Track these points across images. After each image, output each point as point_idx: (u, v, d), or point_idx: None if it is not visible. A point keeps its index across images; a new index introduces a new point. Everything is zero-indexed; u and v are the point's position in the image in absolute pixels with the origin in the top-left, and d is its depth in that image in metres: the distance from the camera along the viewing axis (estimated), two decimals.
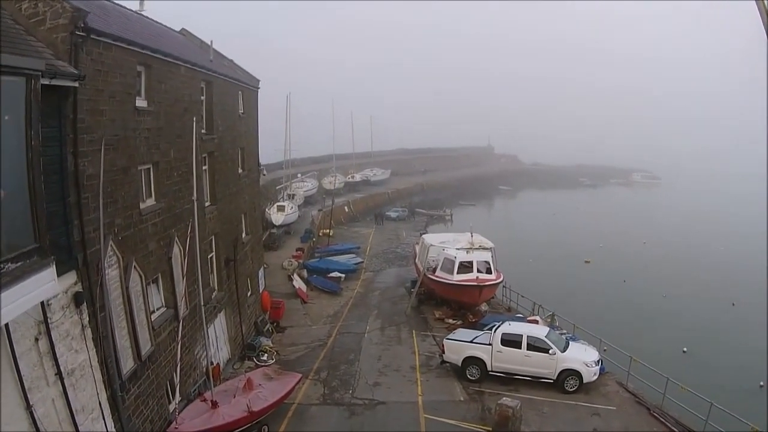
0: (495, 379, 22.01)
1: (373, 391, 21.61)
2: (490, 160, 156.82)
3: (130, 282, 13.92)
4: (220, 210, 21.22)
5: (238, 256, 23.50)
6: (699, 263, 53.55)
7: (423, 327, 30.15)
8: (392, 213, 73.92)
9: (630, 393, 20.98)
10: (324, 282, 38.84)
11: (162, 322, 16.04)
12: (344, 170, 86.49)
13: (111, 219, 13.09)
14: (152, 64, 15.49)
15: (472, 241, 31.69)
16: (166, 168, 16.24)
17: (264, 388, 18.30)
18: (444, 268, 30.99)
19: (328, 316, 32.85)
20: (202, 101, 19.94)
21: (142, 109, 14.90)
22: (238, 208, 24.47)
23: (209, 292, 19.89)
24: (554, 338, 22.14)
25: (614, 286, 45.49)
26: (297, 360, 25.32)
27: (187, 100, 17.98)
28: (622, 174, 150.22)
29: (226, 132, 22.30)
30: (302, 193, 66.35)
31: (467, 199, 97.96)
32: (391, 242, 58.15)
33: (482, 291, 29.23)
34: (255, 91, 28.03)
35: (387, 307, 34.75)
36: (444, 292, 31.49)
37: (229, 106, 22.91)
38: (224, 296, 21.87)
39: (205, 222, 19.42)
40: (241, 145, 25.06)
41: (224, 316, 22.41)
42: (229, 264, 22.08)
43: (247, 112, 26.23)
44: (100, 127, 12.64)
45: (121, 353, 13.65)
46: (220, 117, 21.52)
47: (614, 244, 61.69)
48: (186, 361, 17.92)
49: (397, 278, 42.58)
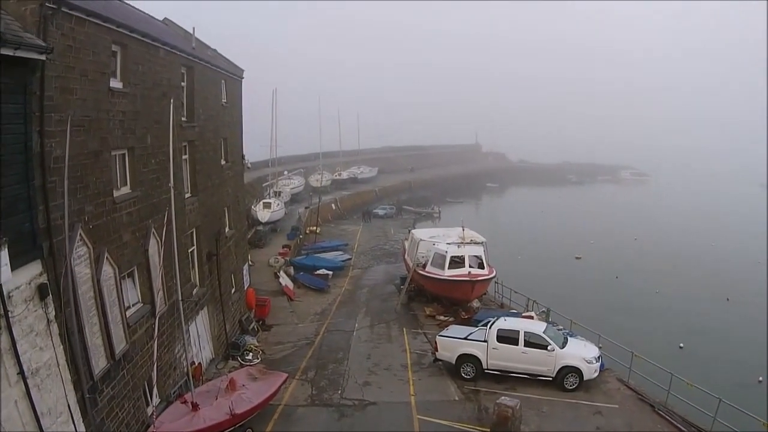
0: (490, 378, 21.21)
1: (363, 391, 20.67)
2: (477, 158, 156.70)
3: (102, 274, 12.88)
4: (201, 202, 20.15)
5: (221, 251, 22.44)
6: (691, 259, 53.45)
7: (414, 324, 29.28)
8: (380, 210, 73.45)
9: (632, 390, 20.33)
10: (311, 279, 37.89)
11: (138, 318, 15.00)
12: (331, 168, 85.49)
13: (81, 206, 12.08)
14: (129, 43, 14.47)
15: (463, 235, 30.81)
16: (142, 154, 15.20)
17: (248, 388, 17.31)
18: (434, 263, 30.11)
19: (316, 314, 31.89)
20: (182, 87, 18.89)
21: (117, 90, 13.87)
22: (221, 201, 23.36)
23: (190, 287, 18.85)
24: (552, 334, 21.37)
25: (606, 283, 45.11)
26: (283, 359, 24.30)
27: (166, 85, 16.95)
28: (610, 171, 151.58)
29: (208, 121, 21.23)
30: (289, 190, 65.36)
31: (455, 197, 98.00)
32: (379, 239, 57.33)
33: (475, 286, 28.40)
34: (239, 81, 26.96)
35: (376, 304, 33.85)
36: (435, 289, 30.62)
37: (211, 94, 21.83)
38: (206, 292, 20.83)
39: (185, 214, 18.36)
40: (224, 136, 23.97)
41: (207, 313, 21.38)
42: (211, 259, 21.02)
43: (231, 102, 25.14)
44: (69, 106, 11.65)
45: (93, 351, 12.62)
46: (202, 105, 20.46)
47: (605, 241, 61.44)
48: (165, 360, 16.91)
49: (385, 275, 41.74)
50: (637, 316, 36.80)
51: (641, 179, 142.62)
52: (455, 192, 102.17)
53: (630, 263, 51.36)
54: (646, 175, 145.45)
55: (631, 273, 47.79)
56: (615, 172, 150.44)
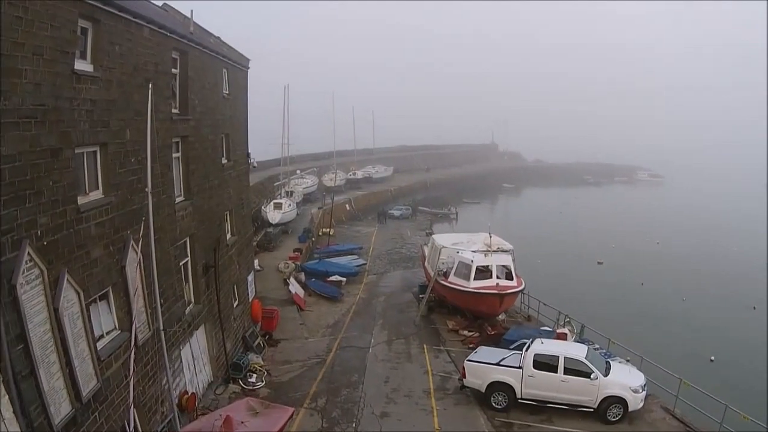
0: (524, 408, 18.70)
1: (381, 423, 18.13)
2: (493, 157, 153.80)
3: (61, 301, 10.38)
4: (196, 206, 17.57)
5: (221, 262, 19.89)
6: (713, 264, 51.73)
7: (435, 340, 26.71)
8: (395, 211, 71.08)
9: (679, 421, 17.96)
10: (323, 287, 35.37)
11: (114, 348, 12.47)
12: (346, 167, 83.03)
13: (31, 217, 9.58)
14: (102, 18, 11.92)
15: (490, 242, 28.05)
16: (118, 152, 12.66)
17: (247, 426, 14.72)
18: (459, 273, 27.43)
19: (328, 327, 29.35)
20: (173, 75, 16.34)
21: (85, 74, 11.33)
22: (221, 205, 20.75)
23: (182, 306, 16.30)
24: (595, 359, 18.73)
25: (632, 290, 43.12)
26: (290, 382, 21.70)
27: (152, 71, 14.42)
28: (626, 172, 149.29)
29: (205, 114, 18.66)
30: (301, 190, 62.94)
31: (471, 197, 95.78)
32: (395, 242, 54.72)
33: (503, 300, 25.78)
34: (244, 71, 24.39)
35: (393, 315, 31.30)
36: (458, 301, 27.95)
37: (209, 84, 19.22)
38: (203, 310, 18.30)
39: (176, 221, 15.80)
40: (226, 132, 21.40)
41: (204, 332, 18.87)
42: (208, 271, 18.48)
43: (234, 94, 22.56)
44: (16, 93, 9.16)
45: (51, 397, 10.11)
46: (198, 96, 17.90)
47: (626, 244, 59.78)
48: (150, 394, 14.41)
49: (402, 282, 39.21)
50: (665, 325, 34.95)
51: (656, 180, 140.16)
52: (471, 192, 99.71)
53: (653, 268, 49.06)
54: (661, 176, 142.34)
55: (656, 279, 45.96)
56: (631, 172, 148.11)
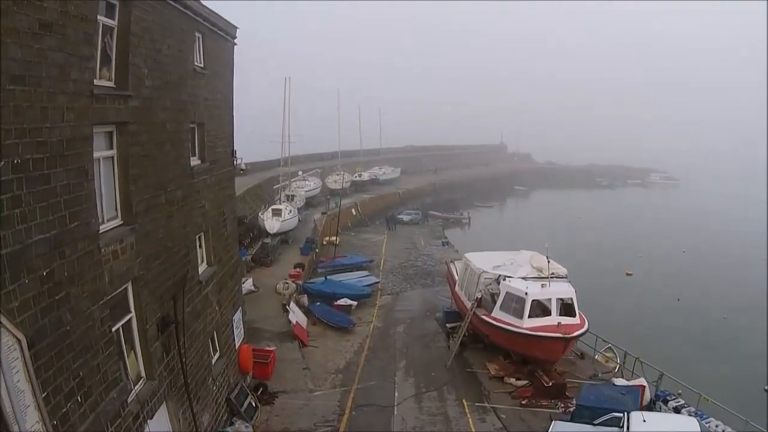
0: None
1: None
2: (502, 158, 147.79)
3: None
4: (143, 234, 11.33)
5: (189, 309, 13.75)
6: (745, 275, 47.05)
7: (476, 392, 20.82)
8: (405, 216, 65.32)
9: None
10: (330, 313, 29.36)
11: None
12: (351, 168, 76.85)
13: None
14: None
15: (547, 267, 21.81)
16: None
17: None
18: (506, 307, 21.30)
19: (338, 372, 23.28)
20: (103, 27, 10.18)
21: None
22: (189, 226, 14.37)
23: (121, 392, 10.18)
24: None
25: (669, 306, 38.64)
26: None
27: (57, 19, 8.27)
28: (639, 174, 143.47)
29: (161, 92, 12.47)
30: (303, 193, 56.63)
31: (483, 200, 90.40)
32: (408, 253, 48.53)
33: (568, 345, 19.77)
34: (229, 42, 18.20)
35: (417, 352, 25.42)
36: (506, 342, 21.86)
37: (170, 48, 13.02)
38: (161, 385, 12.20)
39: (102, 263, 9.62)
40: (198, 120, 15.19)
41: (165, 414, 12.79)
42: (167, 328, 12.39)
43: (213, 69, 16.36)
44: None
45: None
46: (149, 63, 11.77)
47: (652, 253, 55.69)
48: None
49: (423, 304, 33.34)
50: (711, 351, 30.72)
51: (671, 183, 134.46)
52: (482, 195, 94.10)
53: (685, 280, 45.36)
54: (675, 179, 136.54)
55: (691, 293, 41.71)
56: (644, 175, 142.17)
